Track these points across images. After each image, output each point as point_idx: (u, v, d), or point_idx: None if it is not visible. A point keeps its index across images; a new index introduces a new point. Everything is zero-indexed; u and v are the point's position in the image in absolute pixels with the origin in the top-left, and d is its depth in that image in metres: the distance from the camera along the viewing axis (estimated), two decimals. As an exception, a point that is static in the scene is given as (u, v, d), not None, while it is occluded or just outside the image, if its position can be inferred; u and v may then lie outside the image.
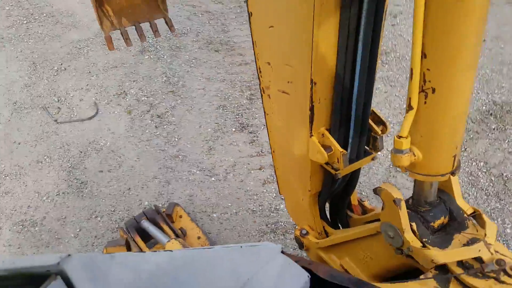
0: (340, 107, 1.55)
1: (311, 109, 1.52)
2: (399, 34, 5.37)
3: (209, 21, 5.65)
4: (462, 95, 1.28)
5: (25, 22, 5.60)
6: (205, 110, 4.55)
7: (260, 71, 1.66)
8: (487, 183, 3.74)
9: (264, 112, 1.86)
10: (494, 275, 1.45)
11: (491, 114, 4.39)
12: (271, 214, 3.43)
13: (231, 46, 5.30)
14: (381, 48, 4.83)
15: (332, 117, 1.59)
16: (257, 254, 1.33)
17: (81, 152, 4.12)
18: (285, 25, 1.46)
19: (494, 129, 4.23)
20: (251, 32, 1.60)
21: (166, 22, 3.30)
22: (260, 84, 1.73)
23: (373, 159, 1.78)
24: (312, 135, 1.61)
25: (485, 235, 1.52)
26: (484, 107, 4.49)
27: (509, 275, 1.44)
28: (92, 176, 3.89)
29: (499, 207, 3.55)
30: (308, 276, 1.34)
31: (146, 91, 4.79)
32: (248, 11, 1.52)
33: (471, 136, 4.14)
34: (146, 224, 3.06)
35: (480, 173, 3.82)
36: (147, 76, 4.98)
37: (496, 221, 3.43)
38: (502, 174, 3.80)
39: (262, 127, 4.20)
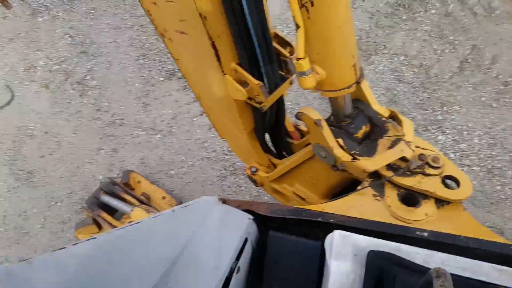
0: (240, 37, 1.47)
1: (213, 46, 1.45)
2: None
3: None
4: (339, 3, 1.27)
5: None
6: (125, 64, 4.37)
7: (150, 14, 1.55)
8: (411, 76, 3.84)
9: (174, 59, 1.75)
10: (420, 170, 1.54)
11: (399, 4, 4.38)
12: (226, 157, 3.61)
13: (128, -13, 4.91)
14: None
15: (237, 50, 1.52)
16: (194, 212, 1.31)
17: (14, 142, 3.93)
18: None
19: (405, 19, 4.27)
20: None
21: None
22: (156, 29, 1.60)
23: (291, 83, 1.76)
24: (225, 73, 1.57)
25: (404, 134, 1.59)
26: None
27: (432, 167, 1.54)
28: (36, 163, 3.79)
29: (426, 96, 3.69)
30: (249, 218, 1.36)
31: (55, 58, 4.45)
32: None
33: (387, 32, 4.20)
34: (106, 198, 3.09)
35: (403, 67, 3.92)
36: (49, 41, 4.57)
37: (426, 111, 3.65)
38: (422, 64, 3.89)
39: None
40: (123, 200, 3.16)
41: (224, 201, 1.43)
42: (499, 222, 3.07)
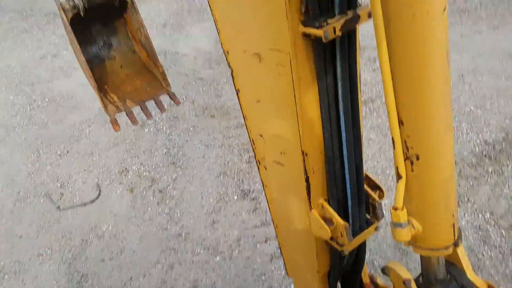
0: (334, 175, 1.42)
1: (307, 180, 1.40)
2: (381, 80, 4.99)
3: (203, 88, 5.37)
4: (446, 159, 1.24)
5: (28, 109, 5.37)
6: (206, 179, 4.14)
7: (254, 143, 1.56)
8: (499, 239, 3.21)
9: (263, 184, 1.69)
10: None
11: (485, 155, 3.94)
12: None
13: (225, 110, 4.97)
14: (367, 96, 4.47)
15: (328, 187, 1.45)
16: None
17: (82, 240, 3.71)
18: (270, 99, 1.39)
19: (491, 172, 3.77)
20: (240, 107, 1.49)
21: (170, 97, 3.13)
22: (255, 156, 1.60)
23: (376, 229, 1.56)
24: (311, 208, 1.46)
25: None
26: (477, 149, 4.05)
27: None
28: (93, 266, 3.45)
29: None
30: None
31: (148, 166, 4.43)
32: (235, 88, 1.44)
33: (471, 183, 3.68)
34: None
35: (488, 226, 3.30)
36: (147, 150, 4.63)
37: None
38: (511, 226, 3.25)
39: (263, 192, 3.78)
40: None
41: None
42: None
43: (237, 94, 1.45)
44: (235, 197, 3.88)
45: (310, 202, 1.45)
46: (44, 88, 5.71)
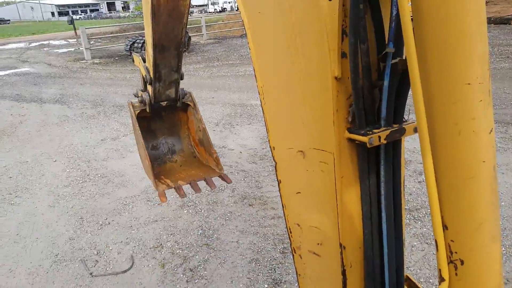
0: (373, 272, 1.45)
1: (343, 273, 1.43)
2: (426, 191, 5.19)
3: (244, 179, 5.76)
4: (493, 267, 1.19)
5: (80, 181, 5.92)
6: (238, 263, 4.26)
7: (291, 232, 1.60)
8: None
9: (297, 273, 1.72)
10: None
11: None
12: None
13: (264, 201, 5.26)
14: (411, 204, 4.66)
15: (366, 282, 1.47)
16: None
17: (109, 307, 3.81)
18: (310, 193, 1.47)
19: None
20: (280, 197, 1.60)
21: (223, 178, 3.45)
22: (291, 244, 1.65)
23: None
24: None
25: None
26: None
27: None
28: (116, 334, 3.49)
29: None
30: None
31: (182, 244, 4.63)
32: (277, 179, 1.56)
33: None
34: None
35: None
36: (184, 229, 4.89)
37: None
38: None
39: (296, 285, 3.82)
40: None
41: None
42: None
43: (278, 184, 1.56)
44: (266, 286, 3.93)
45: None
46: (98, 165, 6.34)
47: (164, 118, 3.80)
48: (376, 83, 1.21)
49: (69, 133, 7.41)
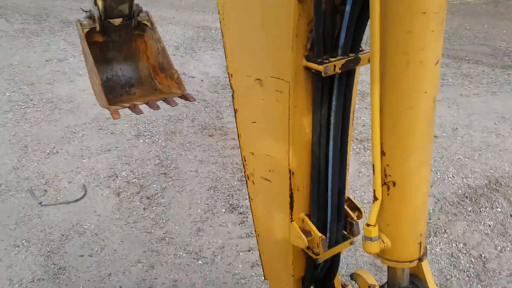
0: (317, 194, 1.59)
1: (291, 196, 1.56)
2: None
3: (205, 108, 5.64)
4: (420, 189, 1.35)
5: (23, 107, 5.53)
6: (196, 191, 4.27)
7: (245, 160, 1.72)
8: (467, 264, 3.55)
9: (249, 198, 1.85)
10: None
11: (466, 197, 4.36)
12: (262, 301, 2.99)
13: (224, 131, 5.20)
14: (363, 135, 4.82)
15: (310, 204, 1.61)
16: None
17: (62, 235, 3.73)
18: (265, 122, 1.55)
19: (470, 211, 4.18)
20: (236, 126, 1.66)
21: (185, 97, 3.26)
22: (245, 171, 1.76)
23: (351, 243, 1.75)
24: (292, 220, 1.62)
25: None
26: (460, 191, 4.46)
27: None
28: (72, 261, 3.46)
29: None
30: None
31: (138, 174, 4.55)
32: (234, 108, 1.61)
33: (450, 218, 4.05)
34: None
35: (460, 254, 3.65)
36: (139, 159, 4.77)
37: None
38: (481, 256, 3.64)
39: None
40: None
41: None
42: None
43: (235, 113, 1.62)
44: (223, 210, 3.99)
45: (291, 216, 1.61)
46: (43, 89, 5.91)
47: (119, 44, 3.48)
48: (338, 8, 1.23)
49: (8, 51, 6.77)
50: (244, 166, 1.73)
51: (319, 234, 1.58)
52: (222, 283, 3.15)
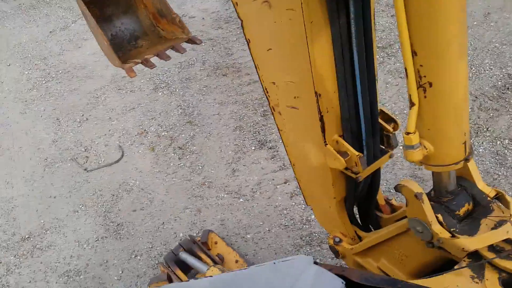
0: (348, 112, 1.55)
1: (321, 119, 1.52)
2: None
3: (213, 48, 5.69)
4: (458, 85, 1.28)
5: (43, 82, 5.78)
6: (223, 133, 4.54)
7: (267, 92, 1.67)
8: None
9: (278, 129, 1.85)
10: None
11: (507, 88, 4.22)
12: (304, 226, 3.35)
13: (237, 68, 5.31)
14: (384, 41, 4.71)
15: (342, 123, 1.58)
16: (291, 267, 1.35)
17: (113, 195, 4.17)
18: (281, 46, 1.47)
19: None
20: (252, 57, 1.60)
21: (192, 41, 3.26)
22: (269, 104, 1.73)
23: (390, 156, 1.74)
24: (326, 144, 1.60)
25: (511, 215, 1.49)
26: (499, 82, 4.33)
27: None
28: (127, 216, 3.92)
29: None
30: (342, 282, 1.33)
31: (165, 126, 4.83)
32: (246, 38, 1.54)
33: (491, 114, 3.99)
34: (184, 256, 3.05)
35: (506, 151, 3.65)
36: (163, 111, 5.02)
37: None
38: None
39: (280, 141, 4.14)
40: (200, 258, 3.05)
41: (316, 263, 1.46)
42: None
43: (248, 44, 1.54)
44: (253, 148, 4.27)
45: (325, 139, 1.59)
46: (56, 61, 6.09)
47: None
48: None
49: (13, 31, 6.89)
50: (267, 98, 1.70)
51: (356, 153, 1.56)
52: (266, 216, 3.52)
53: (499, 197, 1.59)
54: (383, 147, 1.75)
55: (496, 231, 1.46)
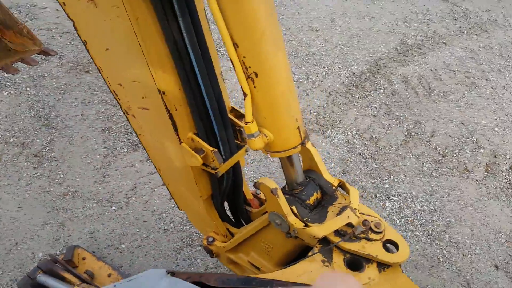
0: (197, 109, 1.59)
1: (171, 117, 1.56)
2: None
3: (71, 42, 5.15)
4: (281, 74, 1.40)
5: None
6: (89, 136, 4.10)
7: (116, 94, 1.65)
8: (362, 148, 4.06)
9: (136, 134, 1.83)
10: (364, 236, 1.64)
11: (353, 85, 4.83)
12: (184, 228, 3.19)
13: (102, 64, 4.88)
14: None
15: (194, 121, 1.63)
16: (139, 283, 1.34)
17: None
18: (117, 45, 1.45)
19: (358, 98, 4.67)
20: (92, 59, 1.53)
21: (45, 53, 3.12)
22: (121, 107, 1.70)
23: (246, 151, 1.83)
24: (181, 142, 1.65)
25: (350, 201, 1.70)
26: (346, 80, 4.93)
27: (374, 232, 1.65)
28: (-34, 242, 3.25)
29: (375, 166, 3.87)
30: None
31: (14, 131, 4.17)
32: (81, 40, 1.47)
33: (342, 108, 4.53)
34: (43, 278, 2.64)
35: (355, 140, 4.15)
36: (11, 114, 4.34)
37: (375, 180, 3.76)
38: (372, 137, 4.17)
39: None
40: (63, 279, 2.64)
41: (173, 274, 1.45)
42: (439, 285, 3.08)
43: (85, 46, 1.49)
44: (125, 150, 3.94)
45: (179, 137, 1.62)
46: None
47: None
48: None
49: None
50: (118, 102, 1.67)
51: (211, 148, 1.64)
52: (142, 222, 3.25)
53: (341, 185, 1.79)
54: (239, 142, 1.84)
55: (339, 217, 1.65)
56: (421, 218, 3.47)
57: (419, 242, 3.31)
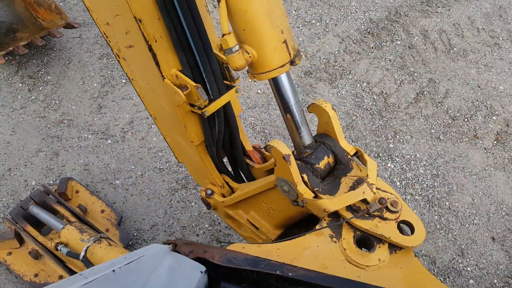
0: (178, 40, 1.53)
1: (150, 49, 1.50)
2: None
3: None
4: None
5: None
6: (86, 62, 4.02)
7: (107, 36, 1.63)
8: (371, 103, 3.98)
9: (130, 80, 1.79)
10: (378, 214, 1.55)
11: (369, 32, 4.64)
12: (180, 169, 3.22)
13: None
14: None
15: (178, 55, 1.57)
16: (142, 263, 1.30)
17: None
18: None
19: (372, 47, 4.50)
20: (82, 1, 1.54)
21: (70, 26, 3.88)
22: (112, 50, 1.66)
23: (236, 91, 1.76)
24: (164, 78, 1.59)
25: (367, 175, 1.60)
26: (362, 26, 4.73)
27: (390, 211, 1.55)
28: (-41, 162, 3.30)
29: (382, 124, 3.82)
30: (201, 271, 1.35)
31: (9, 49, 4.07)
32: None
33: (354, 57, 4.37)
34: (36, 210, 2.72)
35: (364, 93, 4.04)
36: (5, 29, 4.21)
37: (380, 138, 3.71)
38: (382, 92, 4.07)
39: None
40: (55, 212, 2.73)
41: (175, 245, 1.42)
42: (432, 251, 3.08)
43: None
44: (124, 81, 3.88)
45: (161, 72, 1.56)
46: None
47: None
48: None
49: None
50: (109, 45, 1.65)
51: (194, 84, 1.57)
52: (138, 159, 3.28)
53: (359, 155, 1.69)
54: (229, 83, 1.75)
55: (354, 192, 1.56)
56: (423, 182, 3.46)
57: (417, 207, 3.35)
